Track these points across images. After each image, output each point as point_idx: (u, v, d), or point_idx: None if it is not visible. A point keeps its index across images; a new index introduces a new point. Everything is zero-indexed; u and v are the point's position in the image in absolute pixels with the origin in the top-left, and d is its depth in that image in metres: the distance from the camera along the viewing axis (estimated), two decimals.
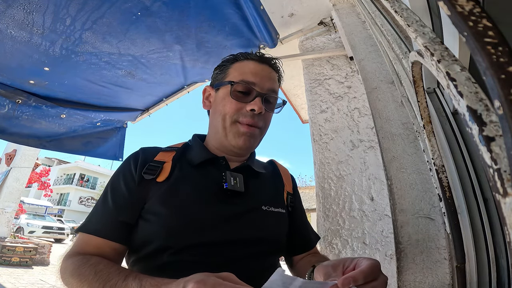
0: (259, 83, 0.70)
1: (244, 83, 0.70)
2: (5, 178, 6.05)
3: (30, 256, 5.91)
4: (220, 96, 0.73)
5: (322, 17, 1.80)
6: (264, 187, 0.75)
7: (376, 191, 1.34)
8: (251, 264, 0.63)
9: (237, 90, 0.70)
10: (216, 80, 0.77)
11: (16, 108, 1.79)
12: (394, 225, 0.89)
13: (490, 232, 0.71)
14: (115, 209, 0.63)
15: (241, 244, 0.63)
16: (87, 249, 0.61)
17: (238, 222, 0.64)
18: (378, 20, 0.96)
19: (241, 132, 0.69)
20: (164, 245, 0.60)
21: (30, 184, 13.93)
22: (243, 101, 0.69)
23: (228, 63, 0.76)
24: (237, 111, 0.69)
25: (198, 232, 0.61)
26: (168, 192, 0.64)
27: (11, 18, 1.21)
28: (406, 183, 0.91)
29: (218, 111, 0.72)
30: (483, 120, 0.21)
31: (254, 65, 0.73)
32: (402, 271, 0.84)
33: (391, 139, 0.98)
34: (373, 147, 1.43)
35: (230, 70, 0.74)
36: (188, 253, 0.59)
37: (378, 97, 1.08)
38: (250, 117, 0.69)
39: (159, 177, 0.66)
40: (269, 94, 0.72)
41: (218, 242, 0.61)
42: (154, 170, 0.66)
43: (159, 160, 0.69)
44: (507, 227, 0.18)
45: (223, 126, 0.71)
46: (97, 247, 0.61)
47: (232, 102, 0.70)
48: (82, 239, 0.63)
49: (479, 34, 0.22)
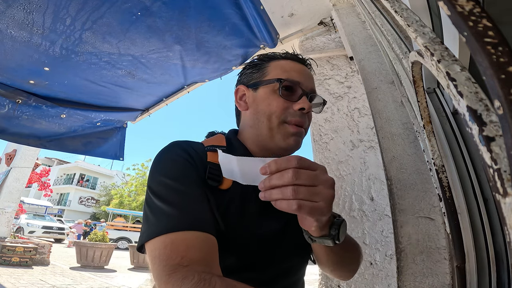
0: (304, 82, 0.68)
1: (291, 81, 0.67)
2: (5, 178, 6.05)
3: (30, 256, 5.91)
4: (261, 95, 0.69)
5: (322, 17, 1.80)
6: None
7: (376, 191, 1.34)
8: (301, 271, 0.68)
9: (285, 88, 0.67)
10: (252, 79, 0.72)
11: (16, 108, 1.79)
12: (394, 225, 0.89)
13: (490, 232, 0.71)
14: (198, 196, 0.53)
15: (293, 253, 0.65)
16: (190, 254, 0.45)
17: (289, 231, 0.65)
18: (378, 20, 0.96)
19: (291, 132, 0.66)
20: (233, 260, 0.56)
21: (30, 184, 13.91)
22: (291, 100, 0.66)
23: (264, 62, 0.73)
24: (285, 110, 0.66)
25: (264, 245, 0.61)
26: (237, 205, 0.60)
27: (11, 18, 1.21)
28: (406, 183, 0.91)
29: (260, 111, 0.68)
30: (483, 120, 0.21)
31: (294, 64, 0.71)
32: (402, 271, 0.84)
33: (391, 139, 0.98)
34: (373, 147, 1.43)
35: (269, 69, 0.70)
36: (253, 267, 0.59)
37: (378, 97, 1.08)
38: (299, 117, 0.66)
39: (222, 185, 0.59)
40: (313, 94, 0.70)
41: (276, 255, 0.62)
42: (216, 175, 0.58)
43: (214, 162, 0.60)
44: (507, 227, 0.18)
45: (269, 127, 0.66)
46: (199, 247, 0.46)
47: (279, 101, 0.66)
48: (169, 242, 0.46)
49: (479, 34, 0.22)
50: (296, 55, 0.73)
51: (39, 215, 14.29)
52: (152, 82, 1.84)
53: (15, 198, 6.15)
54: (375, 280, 1.21)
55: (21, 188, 6.29)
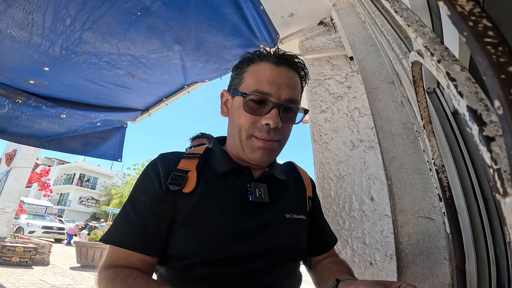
0: (275, 93, 0.64)
1: (259, 94, 0.64)
2: (5, 178, 6.05)
3: (30, 256, 5.91)
4: (235, 105, 0.69)
5: (322, 17, 1.80)
6: (287, 194, 0.74)
7: (376, 191, 1.34)
8: (275, 272, 0.64)
9: (251, 102, 0.65)
10: (232, 85, 0.72)
11: (16, 108, 1.79)
12: (394, 225, 0.89)
13: (490, 232, 0.71)
14: (140, 221, 0.61)
15: (266, 255, 0.63)
16: (118, 261, 0.60)
17: (263, 233, 0.64)
18: (378, 20, 0.96)
19: (256, 146, 0.65)
20: (199, 258, 0.60)
21: (30, 184, 13.92)
22: (258, 114, 0.64)
23: (243, 66, 0.70)
24: (252, 124, 0.65)
25: (227, 246, 0.61)
26: (199, 205, 0.63)
27: (11, 18, 1.21)
28: (406, 183, 0.91)
29: (234, 122, 0.68)
30: (483, 120, 0.21)
31: (271, 70, 0.66)
32: (402, 271, 0.84)
33: (391, 139, 0.98)
34: (373, 147, 1.43)
35: (245, 75, 0.68)
36: (215, 266, 0.60)
37: (378, 97, 1.08)
38: (266, 132, 0.64)
39: (185, 188, 0.64)
40: (287, 105, 0.65)
41: (244, 255, 0.61)
42: (179, 180, 0.64)
43: (183, 168, 0.66)
44: (507, 227, 0.18)
45: (239, 139, 0.67)
46: (126, 259, 0.60)
47: (246, 115, 0.65)
48: (111, 251, 0.62)
49: (479, 34, 0.22)
50: (277, 56, 0.68)
51: (39, 215, 14.29)
52: (152, 82, 1.84)
53: (15, 198, 6.16)
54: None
55: (21, 188, 6.29)
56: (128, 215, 0.63)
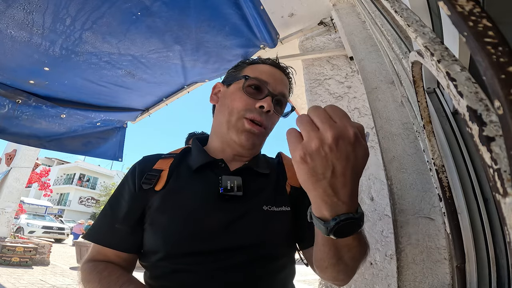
0: (272, 84, 0.72)
1: (258, 80, 0.71)
2: (5, 178, 6.05)
3: (30, 256, 5.91)
4: (230, 91, 0.74)
5: (322, 17, 1.80)
6: (267, 187, 0.71)
7: (376, 191, 1.34)
8: (252, 269, 0.60)
9: (250, 86, 0.71)
10: (228, 77, 0.79)
11: (16, 108, 1.79)
12: (394, 225, 0.89)
13: (490, 232, 0.71)
14: (114, 219, 0.66)
15: (240, 250, 0.60)
16: (97, 256, 0.66)
17: (237, 227, 0.62)
18: (378, 20, 0.96)
19: (244, 128, 0.68)
20: (163, 254, 0.61)
21: (30, 184, 13.92)
22: (254, 98, 0.70)
23: (244, 64, 0.78)
24: (245, 106, 0.69)
25: (197, 240, 0.60)
26: (165, 201, 0.64)
27: (11, 18, 1.21)
28: (406, 183, 0.91)
29: (225, 105, 0.73)
30: (483, 120, 0.21)
31: (270, 68, 0.75)
32: (402, 271, 0.84)
33: (391, 139, 0.98)
34: (373, 147, 1.43)
35: (246, 69, 0.76)
36: (187, 262, 0.59)
37: (378, 97, 1.08)
38: (258, 114, 0.69)
39: (157, 186, 0.67)
40: (280, 97, 0.73)
41: (216, 250, 0.59)
42: (152, 180, 0.67)
43: (158, 168, 0.70)
44: (507, 227, 0.18)
45: (228, 120, 0.71)
46: (104, 254, 0.65)
47: (242, 97, 0.70)
48: (93, 246, 0.68)
49: (479, 34, 0.22)
50: (276, 62, 0.78)
51: (39, 215, 14.29)
52: (152, 82, 1.84)
53: (15, 198, 6.16)
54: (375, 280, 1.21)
55: (21, 188, 6.30)
56: (104, 214, 0.68)
